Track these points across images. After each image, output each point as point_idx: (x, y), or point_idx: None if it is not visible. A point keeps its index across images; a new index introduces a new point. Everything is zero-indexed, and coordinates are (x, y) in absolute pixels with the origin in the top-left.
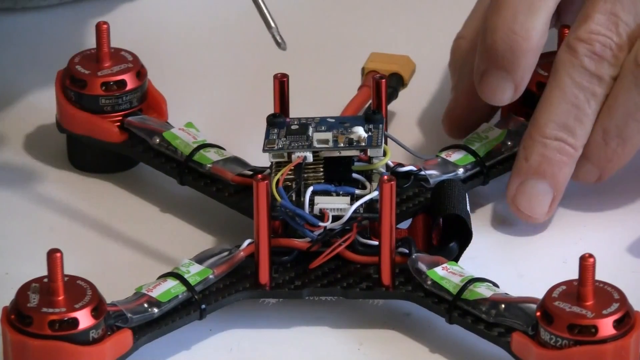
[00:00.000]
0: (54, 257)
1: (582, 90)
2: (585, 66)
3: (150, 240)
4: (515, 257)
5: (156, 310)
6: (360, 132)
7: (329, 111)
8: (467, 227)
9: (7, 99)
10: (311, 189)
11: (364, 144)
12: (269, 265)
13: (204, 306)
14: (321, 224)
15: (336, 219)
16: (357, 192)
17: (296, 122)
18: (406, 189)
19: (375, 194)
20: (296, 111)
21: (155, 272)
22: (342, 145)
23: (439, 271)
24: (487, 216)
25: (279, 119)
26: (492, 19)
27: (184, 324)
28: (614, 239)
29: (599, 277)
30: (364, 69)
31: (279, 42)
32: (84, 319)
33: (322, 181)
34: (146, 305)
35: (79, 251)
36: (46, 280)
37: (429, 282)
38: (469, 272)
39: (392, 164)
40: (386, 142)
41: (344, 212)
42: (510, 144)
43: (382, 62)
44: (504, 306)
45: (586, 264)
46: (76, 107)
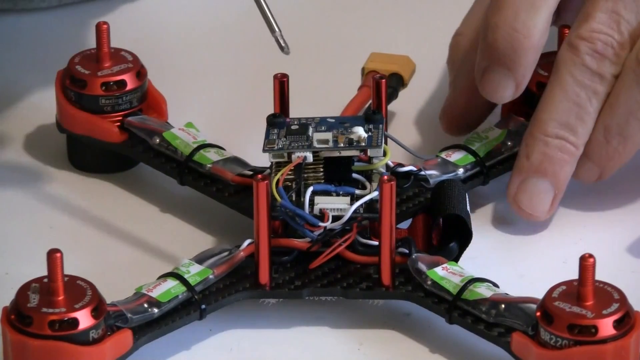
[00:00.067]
0: (54, 257)
1: (584, 88)
2: (586, 64)
3: (150, 240)
4: (515, 257)
5: (156, 310)
6: (360, 132)
7: (329, 111)
8: (467, 227)
9: (7, 99)
10: (311, 189)
11: (364, 144)
12: (269, 265)
13: (204, 306)
14: (321, 224)
15: (336, 219)
16: (357, 192)
17: (296, 122)
18: (406, 189)
19: (375, 194)
20: (296, 111)
21: (155, 272)
22: (342, 145)
23: (439, 271)
24: (487, 216)
25: (279, 119)
26: (493, 17)
27: (184, 324)
28: (614, 239)
29: (599, 277)
30: (364, 69)
31: (283, 47)
32: (84, 319)
33: (322, 181)
34: (146, 305)
35: (79, 251)
36: (46, 280)
37: (429, 282)
38: (469, 272)
39: (392, 164)
40: (386, 142)
41: (344, 212)
42: (510, 144)
43: (382, 62)
44: (504, 306)
45: (586, 264)
46: (76, 107)
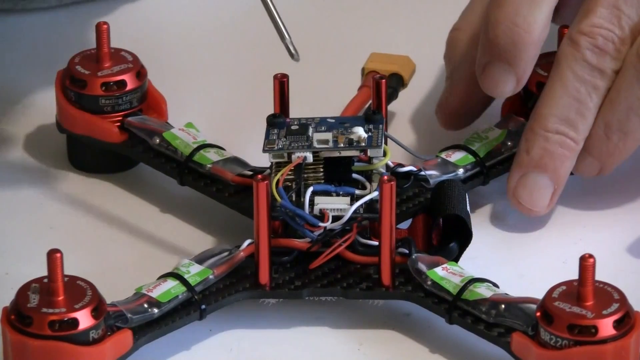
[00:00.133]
0: (54, 257)
1: (584, 83)
2: (587, 59)
3: (150, 240)
4: (515, 257)
5: (156, 310)
6: (360, 132)
7: (329, 111)
8: (467, 228)
9: (7, 99)
10: (311, 189)
11: (364, 144)
12: (269, 265)
13: (204, 306)
14: (321, 224)
15: (336, 219)
16: (357, 192)
17: (296, 123)
18: (406, 189)
19: (375, 194)
20: (296, 111)
21: (155, 272)
22: (342, 145)
23: (439, 271)
24: (487, 216)
25: (279, 119)
26: (494, 12)
27: (184, 324)
28: (614, 239)
29: (599, 277)
30: (364, 69)
31: (293, 54)
32: (84, 319)
33: (322, 181)
34: (146, 305)
35: (79, 251)
36: (46, 280)
37: (429, 283)
38: (469, 272)
39: (392, 164)
40: (386, 143)
41: (344, 212)
42: (510, 144)
43: (382, 62)
44: (504, 306)
45: (586, 264)
46: (76, 107)
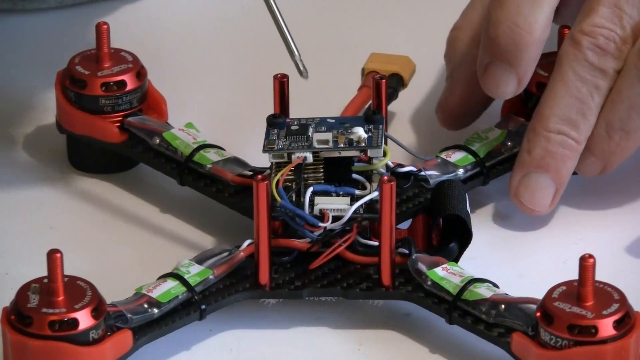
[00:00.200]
0: (54, 257)
1: (586, 83)
2: (588, 59)
3: (150, 240)
4: (515, 257)
5: (156, 310)
6: (360, 132)
7: (329, 111)
8: (467, 228)
9: (7, 99)
10: (311, 190)
11: (364, 145)
12: (269, 265)
13: (204, 306)
14: (321, 225)
15: (336, 219)
16: (357, 192)
17: (296, 123)
18: (406, 189)
19: (375, 194)
20: (296, 111)
21: (155, 273)
22: (342, 145)
23: (439, 272)
24: (487, 216)
25: (279, 120)
26: (495, 12)
27: (184, 324)
28: (614, 239)
29: (599, 277)
30: (364, 70)
31: (302, 71)
32: (84, 319)
33: (322, 181)
34: (146, 305)
35: (79, 251)
36: (46, 280)
37: (429, 283)
38: (469, 272)
39: (392, 165)
40: (386, 143)
41: (344, 212)
42: (510, 144)
43: (382, 62)
44: (504, 306)
45: (586, 264)
46: (76, 108)
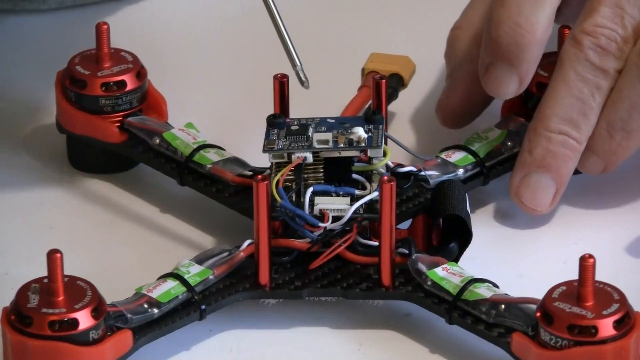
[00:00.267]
0: (54, 257)
1: (587, 83)
2: (590, 59)
3: (150, 240)
4: (515, 258)
5: (156, 310)
6: (360, 132)
7: (329, 111)
8: (467, 228)
9: (7, 99)
10: (311, 190)
11: (364, 145)
12: (269, 265)
13: (204, 306)
14: (321, 225)
15: (336, 219)
16: (357, 192)
17: (296, 123)
18: (406, 189)
19: (375, 194)
20: (296, 111)
21: (155, 273)
22: (342, 145)
23: (439, 272)
24: (487, 216)
25: (279, 120)
26: (497, 12)
27: (184, 324)
28: (614, 239)
29: (599, 277)
30: (364, 70)
31: (303, 81)
32: (84, 319)
33: (322, 182)
34: (146, 305)
35: (79, 251)
36: (46, 280)
37: (429, 283)
38: (469, 272)
39: (392, 165)
40: (386, 143)
41: (344, 212)
42: (510, 144)
43: (382, 62)
44: (504, 307)
45: (586, 264)
46: (76, 108)
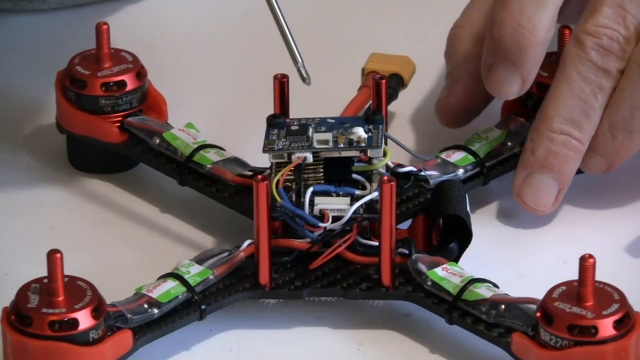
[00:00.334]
0: (54, 257)
1: (589, 83)
2: (592, 60)
3: (150, 240)
4: (515, 258)
5: (156, 310)
6: (360, 132)
7: (329, 111)
8: (467, 228)
9: (7, 99)
10: (311, 190)
11: (364, 145)
12: (269, 265)
13: (204, 307)
14: (321, 225)
15: (336, 219)
16: (357, 192)
17: (296, 123)
18: (406, 189)
19: (375, 194)
20: (296, 111)
21: (155, 273)
22: (342, 145)
23: (439, 272)
24: (487, 216)
25: (279, 120)
26: (499, 12)
27: (184, 324)
28: (614, 239)
29: (599, 277)
30: (364, 70)
31: (304, 77)
32: (84, 319)
33: (322, 182)
34: (146, 305)
35: (79, 251)
36: (46, 280)
37: (429, 283)
38: (469, 272)
39: (392, 165)
40: (386, 143)
41: (344, 212)
42: (510, 144)
43: (382, 62)
44: (504, 307)
45: (586, 264)
46: (76, 108)
